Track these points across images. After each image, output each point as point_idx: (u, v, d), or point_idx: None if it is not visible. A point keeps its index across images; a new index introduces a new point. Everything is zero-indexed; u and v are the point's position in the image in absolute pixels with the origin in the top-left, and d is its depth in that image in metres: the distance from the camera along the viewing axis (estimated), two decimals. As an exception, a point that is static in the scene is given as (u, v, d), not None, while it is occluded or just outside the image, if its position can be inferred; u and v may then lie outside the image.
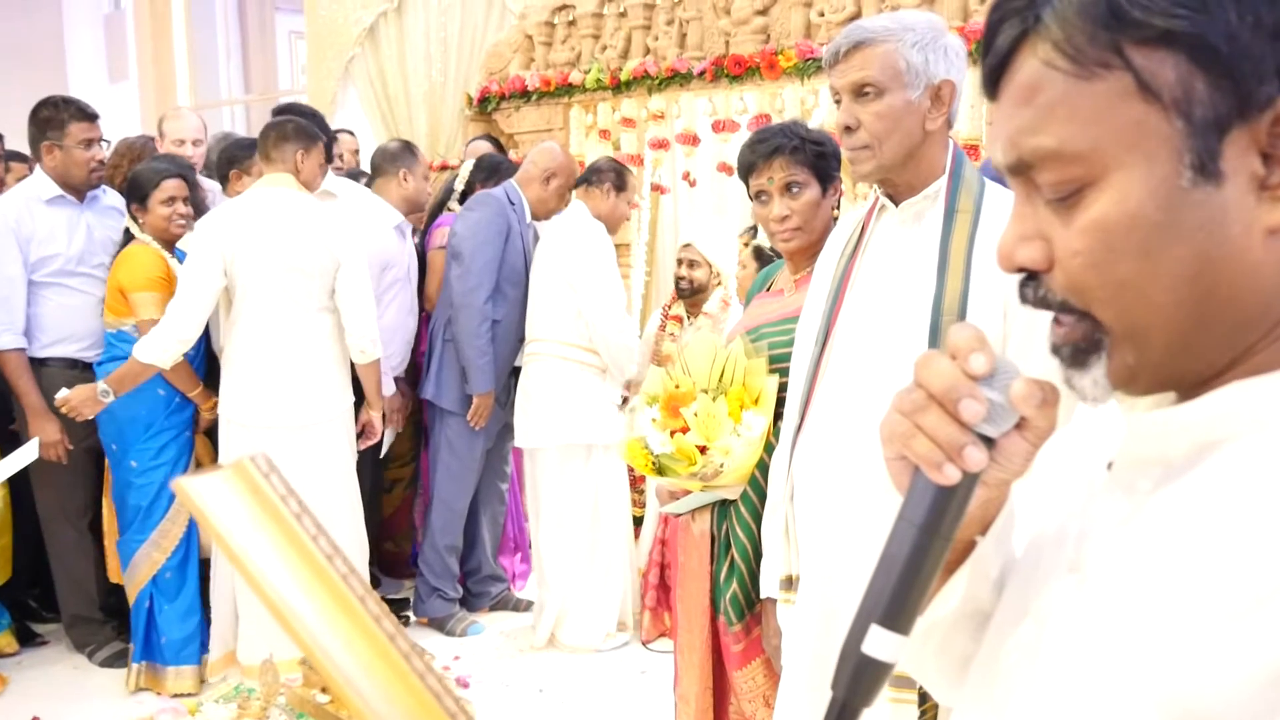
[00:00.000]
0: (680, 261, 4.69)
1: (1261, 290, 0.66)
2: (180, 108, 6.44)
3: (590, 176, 4.45)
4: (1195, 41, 0.64)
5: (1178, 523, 0.68)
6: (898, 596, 0.75)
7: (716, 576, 2.52)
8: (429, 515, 4.66)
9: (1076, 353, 0.72)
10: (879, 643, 0.75)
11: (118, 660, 4.15)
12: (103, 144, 4.24)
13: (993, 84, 0.74)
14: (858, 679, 0.75)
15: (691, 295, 4.66)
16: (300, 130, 3.89)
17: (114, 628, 4.29)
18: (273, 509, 0.63)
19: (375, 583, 4.91)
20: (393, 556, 5.12)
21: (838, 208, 2.56)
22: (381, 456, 4.66)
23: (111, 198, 4.29)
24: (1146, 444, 0.73)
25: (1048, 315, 0.75)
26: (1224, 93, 0.64)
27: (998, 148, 0.74)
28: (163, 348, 3.67)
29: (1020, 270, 0.74)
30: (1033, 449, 0.76)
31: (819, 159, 2.44)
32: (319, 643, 0.62)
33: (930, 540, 0.75)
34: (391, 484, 5.02)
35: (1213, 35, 0.63)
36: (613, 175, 4.43)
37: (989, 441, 0.75)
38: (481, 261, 4.36)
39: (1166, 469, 0.71)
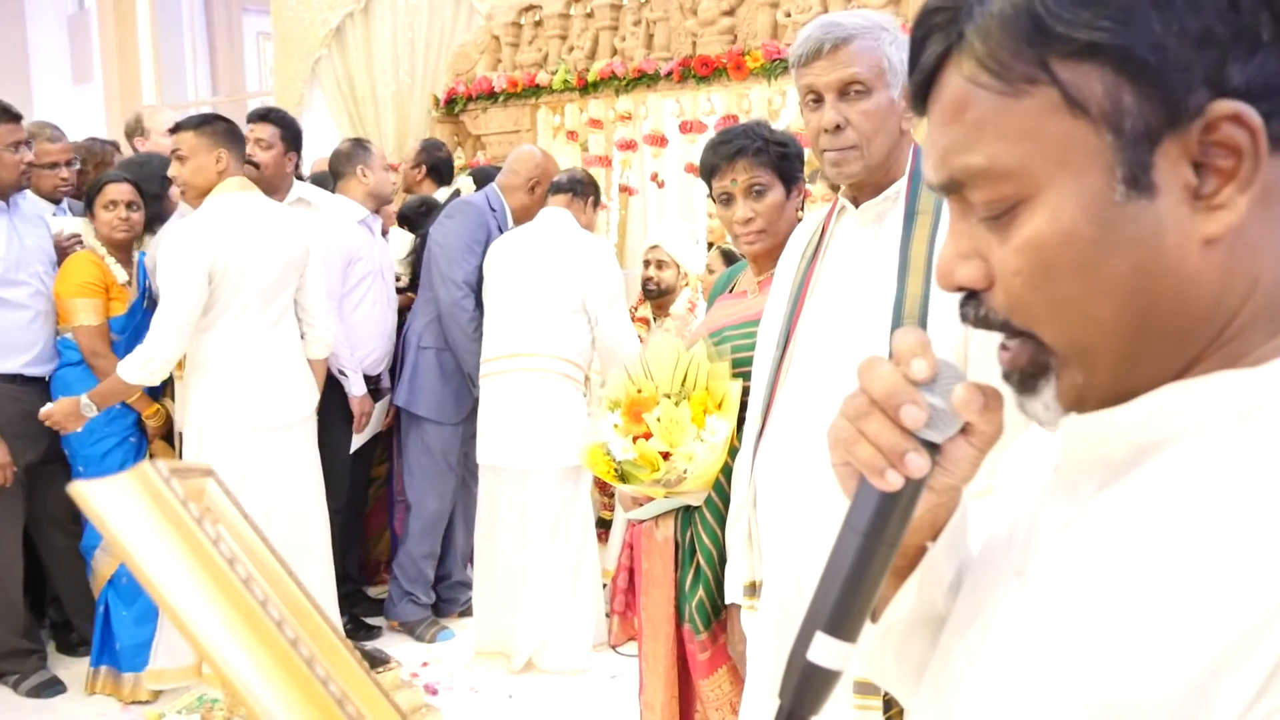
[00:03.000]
0: (648, 263, 4.64)
1: (1202, 300, 0.66)
2: (154, 105, 6.39)
3: (575, 187, 4.27)
4: (1121, 53, 0.63)
5: (1115, 529, 0.68)
6: (843, 604, 0.74)
7: (681, 583, 2.50)
8: (407, 521, 4.63)
9: (1025, 378, 0.72)
10: (825, 650, 0.74)
11: (46, 690, 4.05)
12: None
13: (920, 100, 0.73)
14: (804, 687, 0.75)
15: (659, 296, 4.64)
16: (231, 131, 3.82)
17: (41, 656, 4.18)
18: (173, 514, 0.62)
19: (360, 593, 4.89)
20: (367, 559, 5.10)
21: (802, 209, 2.55)
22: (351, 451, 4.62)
23: (31, 204, 4.18)
24: (1087, 446, 0.73)
25: None
26: (1153, 103, 0.63)
27: (929, 166, 0.73)
28: (149, 368, 3.60)
29: (960, 289, 0.73)
30: (979, 454, 0.75)
31: (783, 161, 2.42)
32: (217, 648, 0.62)
33: (875, 547, 0.74)
34: (369, 480, 4.99)
35: (1138, 46, 0.63)
36: (594, 190, 4.34)
37: (934, 447, 0.74)
38: (463, 273, 4.32)
39: (1108, 470, 0.71)
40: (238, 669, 0.62)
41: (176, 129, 3.78)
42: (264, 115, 4.42)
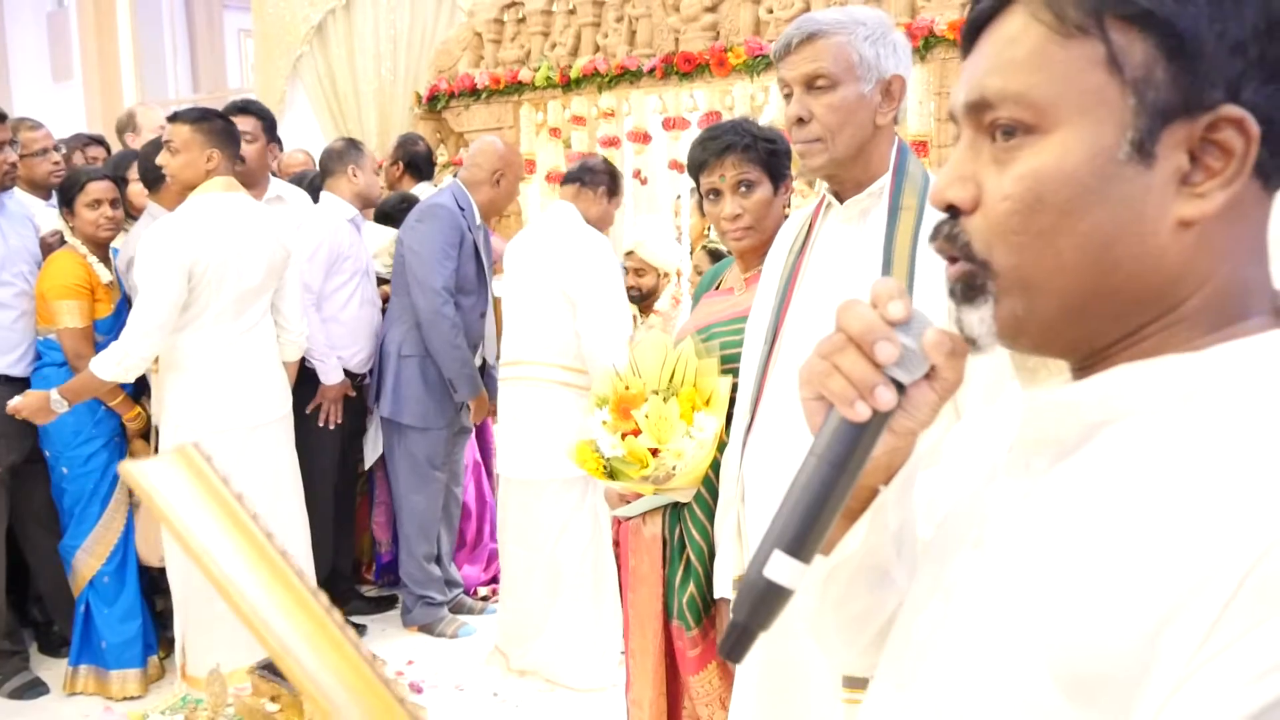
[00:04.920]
0: (626, 270, 4.46)
1: (1161, 273, 0.72)
2: (148, 103, 6.35)
3: (583, 176, 4.06)
4: (1168, 29, 0.69)
5: (1068, 498, 0.73)
6: (802, 525, 0.78)
7: (670, 580, 2.50)
8: (400, 527, 4.62)
9: (967, 289, 0.77)
10: (780, 568, 0.78)
11: (28, 691, 4.03)
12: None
13: (973, 34, 0.79)
14: (759, 603, 0.78)
15: (641, 300, 4.60)
16: (227, 130, 3.80)
17: (23, 657, 4.16)
18: (215, 491, 0.66)
19: (353, 590, 4.88)
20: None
21: (789, 206, 2.55)
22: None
23: (18, 203, 4.16)
24: (1040, 425, 0.78)
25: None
26: (1179, 86, 0.69)
27: (960, 89, 0.78)
28: (124, 365, 3.57)
29: (949, 207, 0.78)
30: (939, 400, 0.81)
31: (771, 157, 2.43)
32: (263, 616, 0.65)
33: (838, 474, 0.79)
34: (356, 478, 4.98)
35: (1186, 30, 0.69)
36: (607, 178, 4.08)
37: (900, 388, 0.79)
38: (442, 280, 4.25)
39: (1060, 449, 0.76)
40: (281, 633, 0.65)
41: (173, 119, 3.76)
42: (243, 107, 4.38)
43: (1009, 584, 0.74)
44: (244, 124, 4.19)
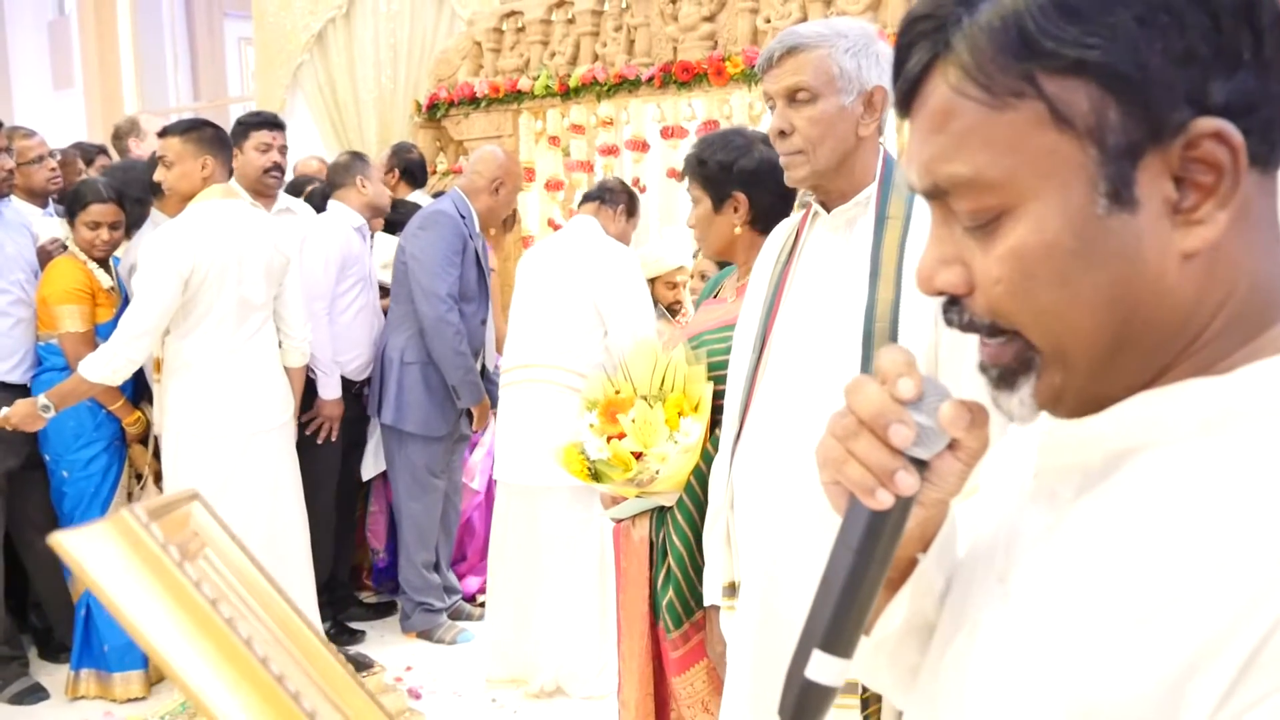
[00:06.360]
0: (673, 284, 4.41)
1: (1178, 311, 0.67)
2: (151, 111, 6.39)
3: (603, 195, 4.14)
4: (1107, 70, 0.64)
5: (1092, 536, 0.69)
6: (837, 621, 0.76)
7: (655, 583, 2.52)
8: (400, 534, 4.62)
9: (1005, 374, 0.73)
10: (822, 667, 0.76)
11: (28, 696, 4.03)
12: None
13: (905, 106, 0.74)
14: (802, 703, 0.76)
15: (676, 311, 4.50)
16: (217, 137, 3.83)
17: (23, 662, 4.16)
18: (151, 558, 0.63)
19: (352, 597, 4.90)
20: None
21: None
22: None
23: (15, 211, 4.18)
24: (1062, 454, 0.74)
25: None
26: (1136, 120, 0.65)
27: (912, 172, 0.74)
28: (112, 367, 3.59)
29: (940, 294, 0.74)
30: (966, 468, 0.77)
31: (721, 172, 2.46)
32: (204, 691, 0.63)
33: (867, 564, 0.75)
34: (358, 486, 5.00)
35: (1123, 64, 0.64)
36: (625, 198, 4.16)
37: (922, 464, 0.75)
38: (446, 287, 4.26)
39: (1085, 477, 0.72)
40: (226, 712, 0.63)
41: (164, 134, 3.80)
42: (273, 121, 4.44)
43: (1032, 623, 0.71)
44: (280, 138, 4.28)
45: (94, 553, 0.62)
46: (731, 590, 2.15)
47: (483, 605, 4.88)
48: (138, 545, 0.63)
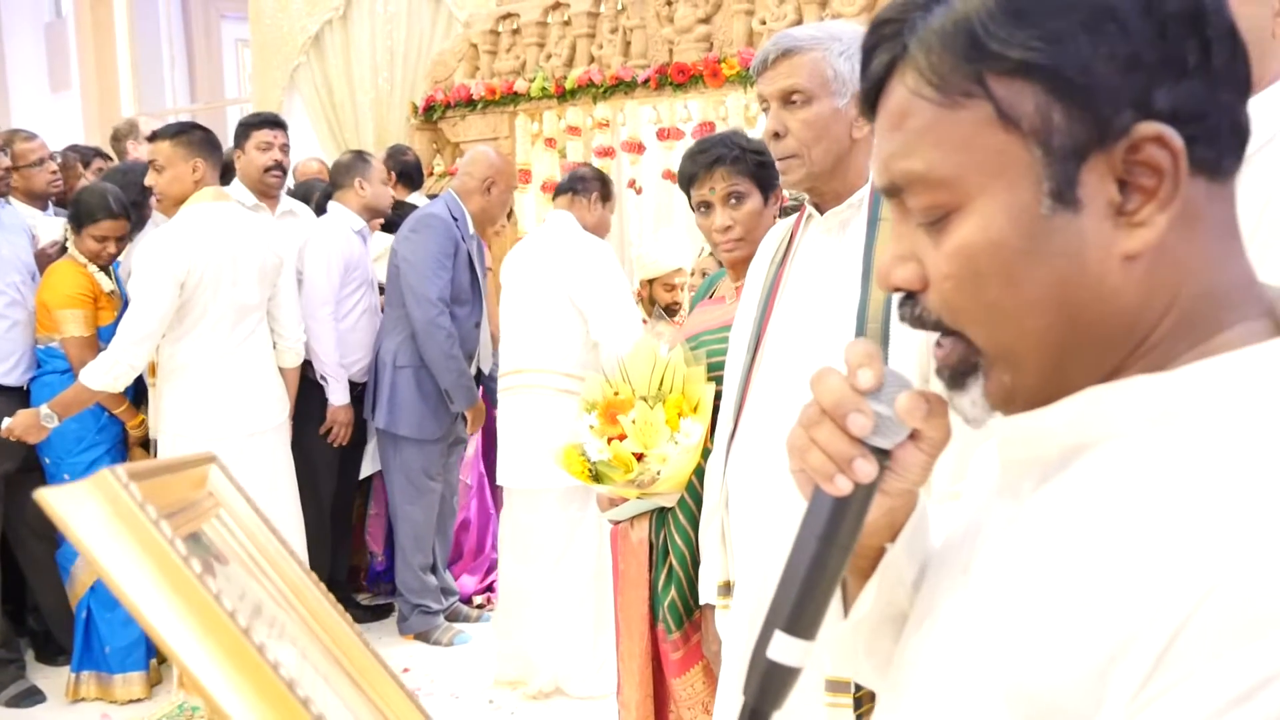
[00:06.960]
0: (672, 287, 4.39)
1: (1123, 312, 0.69)
2: (150, 114, 6.39)
3: (575, 185, 4.11)
4: (1051, 73, 0.66)
5: (1044, 525, 0.71)
6: (800, 604, 0.78)
7: (655, 584, 2.53)
8: (397, 537, 4.63)
9: (955, 375, 0.75)
10: (784, 648, 0.78)
11: (25, 699, 4.04)
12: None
13: (870, 107, 0.77)
14: (765, 684, 0.78)
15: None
16: (207, 140, 3.84)
17: (19, 665, 4.17)
18: (130, 516, 0.66)
19: (350, 599, 4.89)
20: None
21: (778, 215, 2.58)
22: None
23: (12, 214, 4.18)
24: (1019, 447, 0.76)
25: None
26: (1081, 122, 0.66)
27: (874, 168, 0.77)
28: (113, 375, 3.60)
29: (896, 289, 0.76)
30: (928, 459, 0.79)
31: (760, 168, 2.45)
32: (179, 644, 0.65)
33: (829, 549, 0.77)
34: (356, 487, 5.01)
35: (1068, 67, 0.66)
36: (598, 184, 4.15)
37: (884, 453, 0.77)
38: (437, 290, 4.26)
39: (1044, 470, 0.74)
40: (196, 662, 0.65)
41: (153, 138, 3.80)
42: (276, 121, 4.46)
43: (984, 611, 0.73)
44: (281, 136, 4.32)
45: (76, 508, 0.66)
46: (727, 589, 2.16)
47: (480, 607, 4.91)
48: (115, 501, 0.66)
